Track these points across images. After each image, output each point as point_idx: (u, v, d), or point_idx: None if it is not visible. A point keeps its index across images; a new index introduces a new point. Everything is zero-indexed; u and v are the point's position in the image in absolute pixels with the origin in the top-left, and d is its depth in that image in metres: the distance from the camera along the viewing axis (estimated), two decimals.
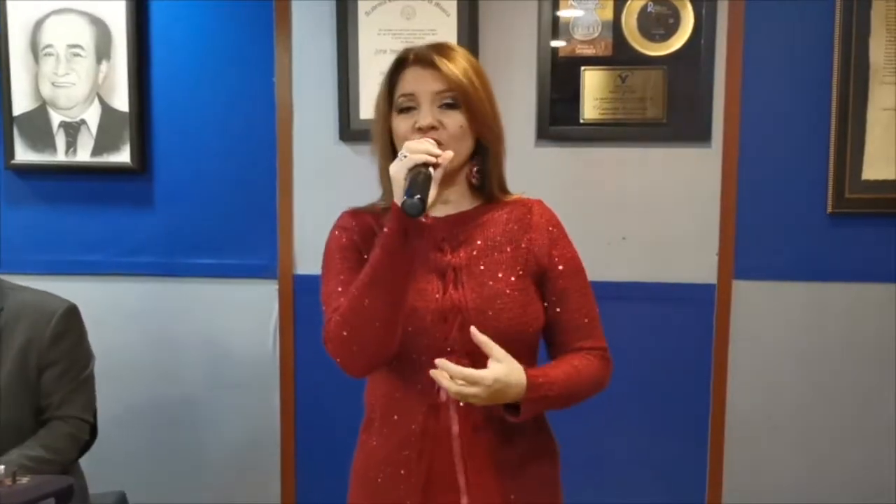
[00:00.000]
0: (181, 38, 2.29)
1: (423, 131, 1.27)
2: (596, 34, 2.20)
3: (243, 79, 2.30)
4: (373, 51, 2.23)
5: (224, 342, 2.35)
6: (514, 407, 1.25)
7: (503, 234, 1.35)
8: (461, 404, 1.28)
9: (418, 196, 1.13)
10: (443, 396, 1.28)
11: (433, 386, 1.26)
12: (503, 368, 1.21)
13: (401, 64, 1.32)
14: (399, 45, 2.28)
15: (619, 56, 2.20)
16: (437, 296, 1.29)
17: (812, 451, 2.25)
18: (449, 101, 1.29)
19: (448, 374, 1.20)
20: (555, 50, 2.21)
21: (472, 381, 1.19)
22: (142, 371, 2.37)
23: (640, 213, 2.23)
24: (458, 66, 1.29)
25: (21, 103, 2.30)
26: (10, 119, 2.30)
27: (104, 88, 2.29)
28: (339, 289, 1.29)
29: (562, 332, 1.36)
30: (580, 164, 2.24)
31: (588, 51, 2.21)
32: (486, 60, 2.20)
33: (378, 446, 1.35)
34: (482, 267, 1.31)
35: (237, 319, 2.34)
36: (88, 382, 1.89)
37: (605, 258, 2.22)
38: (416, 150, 1.19)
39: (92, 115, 2.30)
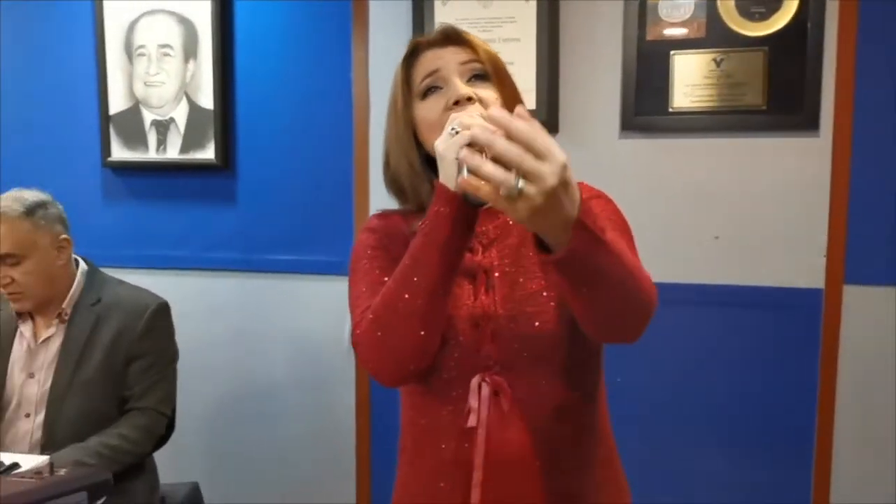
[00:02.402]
0: (263, 36, 2.32)
1: (460, 105, 1.09)
2: (688, 14, 2.03)
3: (322, 76, 2.29)
4: None
5: (301, 338, 2.36)
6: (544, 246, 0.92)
7: None
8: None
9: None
10: (472, 421, 1.10)
11: (464, 408, 1.11)
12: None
13: (413, 53, 1.17)
14: (477, 34, 2.20)
15: (713, 38, 2.02)
16: (469, 301, 1.13)
17: None
18: (479, 71, 1.12)
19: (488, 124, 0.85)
20: (641, 33, 2.05)
21: (543, 152, 0.80)
22: (222, 365, 2.42)
23: (735, 210, 2.05)
24: (476, 40, 1.15)
25: (116, 103, 2.40)
26: (107, 118, 2.41)
27: (191, 87, 2.35)
28: (364, 289, 1.13)
29: None
30: (668, 157, 2.08)
31: (678, 33, 2.04)
32: (568, 45, 2.10)
33: (413, 476, 1.22)
34: (515, 267, 1.14)
35: (314, 316, 2.34)
36: (170, 377, 1.97)
37: (694, 259, 2.05)
38: (469, 124, 0.96)
39: (180, 113, 2.36)
